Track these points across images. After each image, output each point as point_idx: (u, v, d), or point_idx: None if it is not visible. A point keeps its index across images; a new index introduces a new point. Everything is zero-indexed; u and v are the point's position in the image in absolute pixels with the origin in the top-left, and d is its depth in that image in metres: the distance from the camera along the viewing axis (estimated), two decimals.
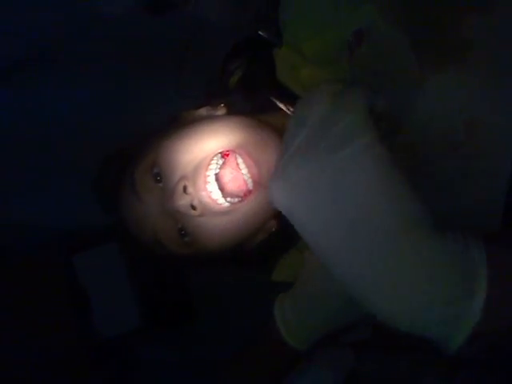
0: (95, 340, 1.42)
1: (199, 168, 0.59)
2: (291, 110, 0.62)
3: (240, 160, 0.58)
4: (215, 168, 0.59)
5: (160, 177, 0.60)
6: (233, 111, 0.66)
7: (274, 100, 0.64)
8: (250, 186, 0.58)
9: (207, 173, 0.59)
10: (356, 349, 0.64)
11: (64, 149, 1.17)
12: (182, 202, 0.57)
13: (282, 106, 0.63)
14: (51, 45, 0.93)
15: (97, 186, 0.70)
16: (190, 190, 0.58)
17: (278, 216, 0.65)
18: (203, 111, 0.67)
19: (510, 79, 0.51)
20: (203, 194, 0.58)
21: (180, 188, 0.58)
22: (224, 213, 0.60)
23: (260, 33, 0.65)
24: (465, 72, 0.51)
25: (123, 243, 0.70)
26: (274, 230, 0.66)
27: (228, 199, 0.59)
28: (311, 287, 0.57)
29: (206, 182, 0.59)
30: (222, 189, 0.59)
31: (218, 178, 0.59)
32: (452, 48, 0.52)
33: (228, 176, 0.59)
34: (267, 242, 0.67)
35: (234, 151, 0.59)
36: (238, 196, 0.59)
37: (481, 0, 0.51)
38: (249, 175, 0.58)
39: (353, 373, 0.61)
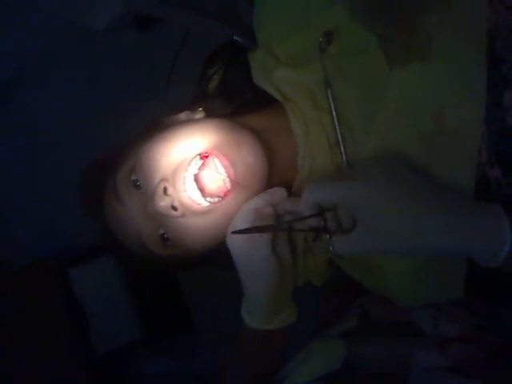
0: (94, 354, 1.42)
1: (178, 170, 0.60)
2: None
3: (217, 161, 0.60)
4: (194, 169, 0.61)
5: (139, 182, 0.62)
6: (211, 114, 0.68)
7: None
8: (228, 185, 0.60)
9: (186, 174, 0.60)
10: (344, 338, 0.65)
11: (57, 162, 1.19)
12: (163, 203, 0.59)
13: None
14: (38, 58, 0.95)
15: (81, 192, 0.71)
16: (170, 191, 0.59)
17: None
18: (182, 116, 0.68)
19: (468, 75, 0.52)
20: (183, 194, 0.60)
21: (160, 190, 0.59)
22: (204, 212, 0.61)
23: (235, 38, 0.67)
24: (428, 66, 0.53)
25: (112, 250, 0.71)
26: None
27: (208, 199, 0.61)
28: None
29: (185, 184, 0.60)
30: (201, 189, 0.60)
31: (197, 179, 0.60)
32: (416, 44, 0.54)
33: (207, 177, 0.60)
34: None
35: (211, 153, 0.60)
36: (217, 196, 0.60)
37: None
38: (225, 175, 0.59)
39: (344, 362, 0.62)
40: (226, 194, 0.61)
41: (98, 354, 1.39)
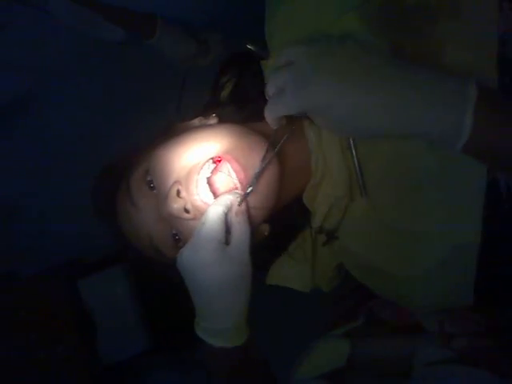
0: (102, 364, 1.41)
1: (191, 173, 0.61)
2: None
3: (228, 165, 0.60)
4: (207, 173, 0.61)
5: (153, 184, 0.63)
6: (224, 120, 0.69)
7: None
8: (240, 189, 0.60)
9: (199, 177, 0.61)
10: (349, 337, 0.65)
11: (69, 172, 1.20)
12: (176, 205, 0.59)
13: None
14: (53, 69, 0.97)
15: (94, 195, 0.72)
16: (183, 193, 0.60)
17: (270, 220, 0.67)
18: (196, 121, 0.70)
19: (480, 80, 0.53)
20: (196, 197, 0.60)
21: (173, 192, 0.60)
22: None
23: (248, 46, 0.68)
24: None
25: (123, 257, 0.72)
26: (266, 233, 0.68)
27: None
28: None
29: (198, 187, 0.61)
30: (213, 192, 0.61)
31: (209, 183, 0.61)
32: (427, 50, 0.55)
33: (219, 180, 0.61)
34: (259, 247, 0.68)
35: (223, 157, 0.61)
36: None
37: (450, 4, 0.54)
38: (237, 180, 0.60)
39: (348, 360, 0.62)
40: None
41: (105, 364, 1.39)
